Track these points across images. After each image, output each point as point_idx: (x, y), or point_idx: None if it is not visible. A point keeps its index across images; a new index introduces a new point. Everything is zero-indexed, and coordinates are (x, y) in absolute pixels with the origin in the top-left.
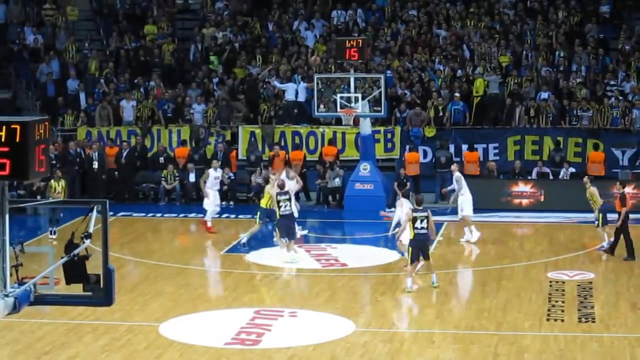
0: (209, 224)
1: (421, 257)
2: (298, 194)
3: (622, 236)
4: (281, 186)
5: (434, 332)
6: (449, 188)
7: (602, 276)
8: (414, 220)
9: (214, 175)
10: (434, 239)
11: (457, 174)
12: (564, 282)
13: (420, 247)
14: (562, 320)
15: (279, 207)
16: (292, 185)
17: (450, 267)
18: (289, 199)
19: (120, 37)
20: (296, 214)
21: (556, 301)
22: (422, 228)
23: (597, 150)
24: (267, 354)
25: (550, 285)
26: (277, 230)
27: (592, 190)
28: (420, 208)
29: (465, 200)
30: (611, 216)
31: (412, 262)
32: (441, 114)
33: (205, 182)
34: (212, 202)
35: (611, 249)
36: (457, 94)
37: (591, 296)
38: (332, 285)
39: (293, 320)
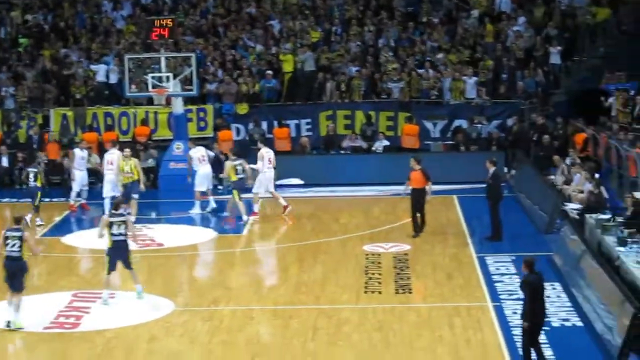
0: (72, 202)
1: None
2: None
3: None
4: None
5: (253, 308)
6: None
7: (418, 248)
8: (110, 225)
9: (80, 155)
10: (135, 242)
11: (260, 152)
12: (380, 255)
13: (118, 255)
14: (380, 292)
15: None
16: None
17: (265, 243)
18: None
19: None
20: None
21: (373, 274)
22: (119, 234)
23: (411, 122)
24: (86, 337)
25: (367, 258)
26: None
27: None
28: (118, 212)
29: (265, 178)
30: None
31: (109, 272)
32: (252, 91)
33: (72, 162)
34: (79, 182)
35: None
36: (269, 71)
37: (407, 267)
38: (149, 266)
39: (111, 301)
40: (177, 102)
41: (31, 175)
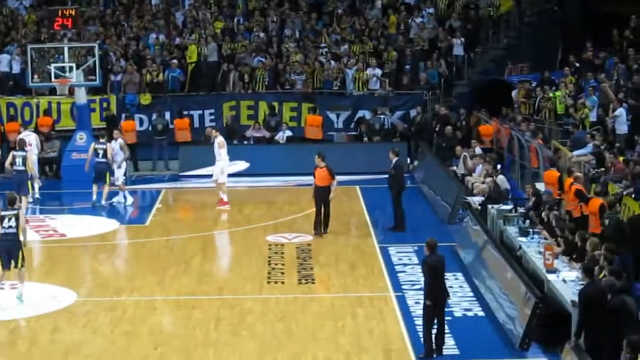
0: None
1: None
2: None
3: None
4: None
5: (156, 298)
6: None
7: (321, 238)
8: (2, 219)
9: None
10: (25, 239)
11: (219, 139)
12: (283, 245)
13: (7, 251)
14: (283, 283)
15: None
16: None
17: (169, 234)
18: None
19: None
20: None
21: (276, 264)
22: (9, 227)
23: (314, 113)
24: None
25: (270, 249)
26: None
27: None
28: (11, 207)
29: (226, 165)
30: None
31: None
32: (155, 80)
33: None
34: None
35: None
36: (174, 61)
37: (310, 258)
38: (52, 256)
39: (14, 292)
40: (80, 92)
41: None
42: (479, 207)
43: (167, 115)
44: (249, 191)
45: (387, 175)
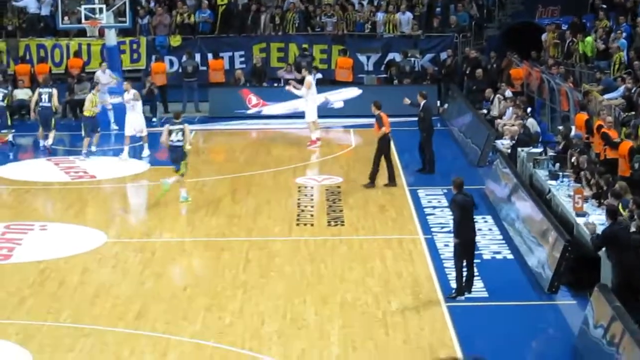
0: None
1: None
2: None
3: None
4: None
5: (185, 240)
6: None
7: (350, 180)
8: (170, 132)
9: None
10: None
11: (308, 78)
12: (312, 187)
13: (174, 160)
14: (312, 225)
15: None
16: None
17: (199, 175)
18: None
19: None
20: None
21: (305, 206)
22: (177, 140)
23: (345, 56)
24: (18, 268)
25: (299, 191)
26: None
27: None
28: (177, 121)
29: (315, 104)
30: None
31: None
32: (186, 21)
33: None
34: None
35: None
36: (204, 2)
37: (340, 200)
38: (81, 198)
39: (44, 233)
40: (110, 34)
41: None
42: (509, 150)
43: (197, 57)
44: (279, 133)
45: (416, 118)
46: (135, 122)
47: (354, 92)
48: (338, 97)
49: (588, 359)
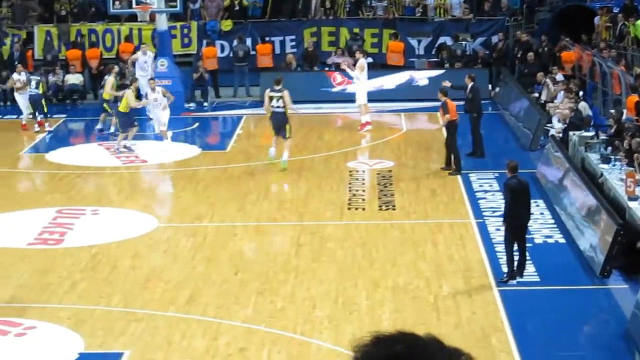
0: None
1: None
2: None
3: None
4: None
5: (236, 224)
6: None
7: (402, 164)
8: (271, 99)
9: (17, 78)
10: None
11: (361, 61)
12: (364, 171)
13: (277, 126)
14: (363, 209)
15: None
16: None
17: (250, 160)
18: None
19: None
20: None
21: (357, 190)
22: (278, 107)
23: (396, 39)
24: (70, 252)
25: (351, 175)
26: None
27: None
28: (278, 88)
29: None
30: None
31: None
32: (236, 8)
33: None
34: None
35: (448, 164)
36: None
37: (391, 184)
38: (133, 182)
39: (95, 218)
40: (161, 19)
41: (33, 83)
42: (561, 134)
43: (248, 41)
44: (329, 117)
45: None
46: (163, 117)
47: (436, 72)
48: (423, 75)
49: None
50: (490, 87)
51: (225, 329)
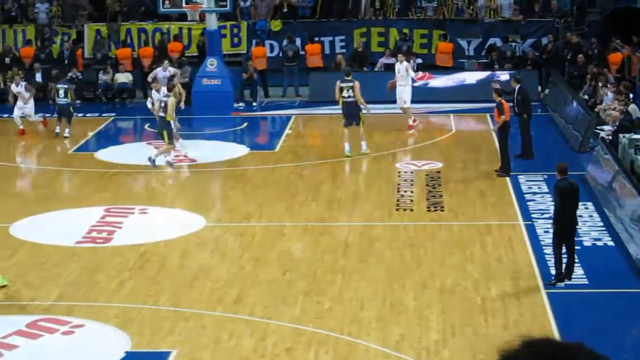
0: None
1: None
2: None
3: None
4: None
5: (285, 224)
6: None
7: (450, 165)
8: (341, 89)
9: (16, 90)
10: (362, 105)
11: (404, 64)
12: (412, 172)
13: (349, 115)
14: (412, 210)
15: None
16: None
17: (299, 160)
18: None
19: None
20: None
21: (405, 191)
22: (349, 97)
23: (446, 40)
24: (118, 251)
25: (399, 176)
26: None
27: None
28: (348, 79)
29: (405, 91)
30: None
31: (345, 127)
32: (286, 9)
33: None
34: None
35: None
36: None
37: (440, 185)
38: (181, 181)
39: (144, 217)
40: (210, 18)
41: (61, 92)
42: (610, 136)
43: (298, 41)
44: (378, 118)
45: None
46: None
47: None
48: (473, 76)
49: None
50: (539, 88)
51: (273, 329)
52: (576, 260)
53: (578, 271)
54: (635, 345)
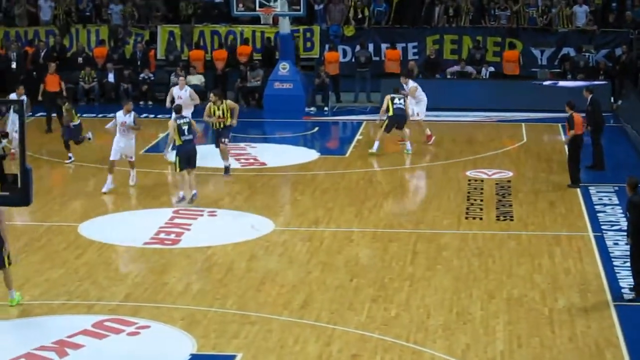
0: None
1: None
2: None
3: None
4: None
5: (353, 230)
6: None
7: (521, 175)
8: (392, 99)
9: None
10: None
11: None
12: (482, 181)
13: (398, 122)
14: (481, 219)
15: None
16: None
17: (369, 166)
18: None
19: None
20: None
21: (475, 199)
22: (400, 104)
23: (512, 49)
24: (186, 253)
25: (469, 184)
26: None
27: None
28: (398, 95)
29: (418, 106)
30: None
31: (385, 131)
32: (360, 15)
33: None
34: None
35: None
36: None
37: (509, 194)
38: (251, 185)
39: (212, 219)
40: (284, 22)
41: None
42: None
43: (370, 47)
44: (449, 126)
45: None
46: (127, 148)
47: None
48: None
49: None
50: (612, 99)
51: (339, 334)
52: None
53: None
54: None
